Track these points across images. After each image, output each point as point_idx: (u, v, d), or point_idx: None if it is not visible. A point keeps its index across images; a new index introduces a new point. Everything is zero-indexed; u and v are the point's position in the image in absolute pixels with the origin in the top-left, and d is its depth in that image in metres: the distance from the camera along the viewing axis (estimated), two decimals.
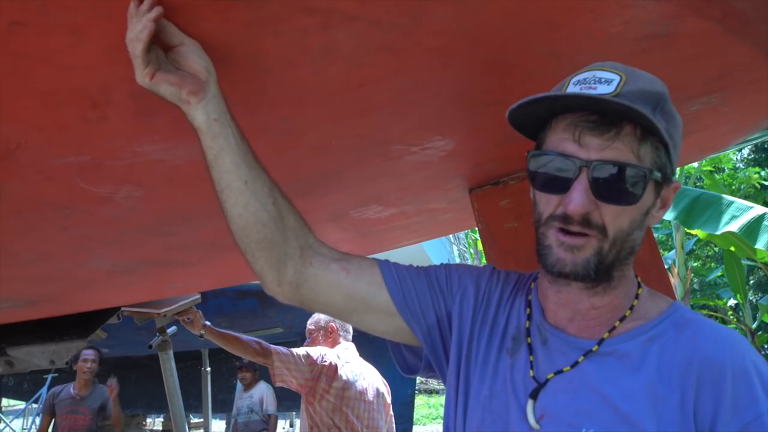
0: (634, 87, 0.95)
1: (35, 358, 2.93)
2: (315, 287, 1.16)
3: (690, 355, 0.97)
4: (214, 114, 1.03)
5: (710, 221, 6.95)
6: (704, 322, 1.02)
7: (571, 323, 1.05)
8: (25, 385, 10.36)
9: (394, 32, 1.06)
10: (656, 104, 0.96)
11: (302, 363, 3.32)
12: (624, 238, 0.97)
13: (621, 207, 0.95)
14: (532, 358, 1.06)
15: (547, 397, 1.01)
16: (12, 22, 0.90)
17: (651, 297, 1.06)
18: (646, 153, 0.95)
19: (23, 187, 1.31)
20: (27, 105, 1.07)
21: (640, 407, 0.95)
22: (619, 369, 0.99)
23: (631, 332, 1.01)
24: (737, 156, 17.68)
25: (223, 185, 1.09)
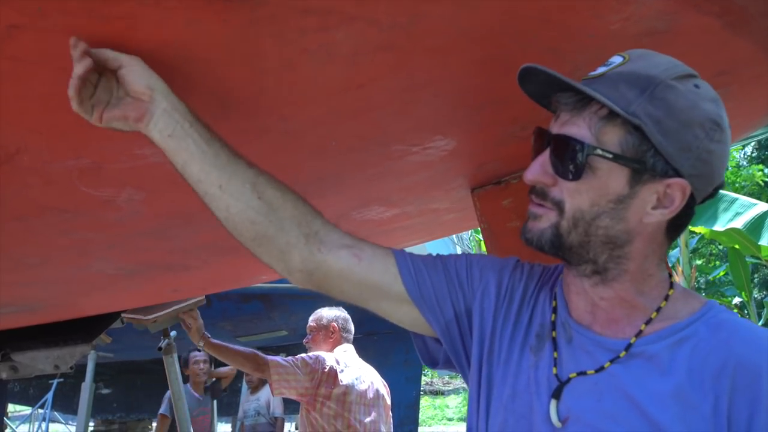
0: (625, 69, 0.95)
1: (40, 363, 2.93)
2: (327, 274, 1.13)
3: (724, 358, 0.93)
4: (166, 131, 1.02)
5: (714, 218, 6.93)
6: (740, 323, 0.98)
7: (594, 319, 1.03)
8: (30, 391, 10.38)
9: (393, 32, 1.05)
10: (645, 88, 0.93)
11: (301, 372, 3.29)
12: (587, 221, 0.96)
13: (574, 184, 0.96)
14: (556, 354, 1.04)
15: (573, 399, 0.99)
16: (10, 25, 0.90)
17: (683, 297, 1.03)
18: (611, 134, 0.94)
19: (24, 191, 1.31)
20: (26, 109, 1.07)
21: (669, 412, 0.92)
22: (647, 371, 0.96)
23: (660, 332, 0.98)
24: (740, 154, 17.65)
25: (200, 194, 1.08)
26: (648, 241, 0.99)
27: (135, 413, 9.85)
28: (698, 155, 0.93)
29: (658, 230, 0.98)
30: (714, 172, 0.96)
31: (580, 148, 0.94)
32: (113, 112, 1.01)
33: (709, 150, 0.94)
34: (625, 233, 0.97)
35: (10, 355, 2.90)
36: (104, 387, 9.32)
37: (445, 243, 8.59)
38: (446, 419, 17.76)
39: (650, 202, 0.96)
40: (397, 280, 1.13)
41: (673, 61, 0.97)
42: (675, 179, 0.94)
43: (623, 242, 0.98)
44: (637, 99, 0.92)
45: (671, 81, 0.94)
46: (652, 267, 1.01)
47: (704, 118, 0.93)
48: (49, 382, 9.76)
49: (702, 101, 0.94)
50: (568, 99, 0.96)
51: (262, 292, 6.50)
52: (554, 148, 0.97)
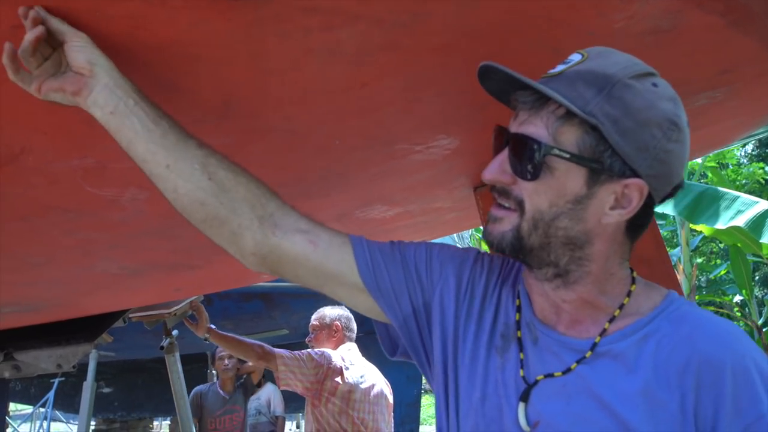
0: (583, 67, 0.94)
1: (42, 362, 2.93)
2: (281, 258, 1.09)
3: (688, 354, 0.93)
4: (108, 107, 0.98)
5: (715, 216, 6.93)
6: (702, 316, 0.98)
7: (559, 319, 1.02)
8: (32, 390, 10.38)
9: (397, 31, 1.05)
10: (603, 87, 0.92)
11: (306, 366, 3.32)
12: (547, 222, 0.95)
13: (532, 184, 0.95)
14: (522, 356, 1.03)
15: (541, 402, 0.99)
16: (14, 26, 0.90)
17: (645, 290, 1.02)
18: (569, 133, 0.93)
19: (29, 191, 1.31)
20: (30, 109, 1.07)
21: (638, 411, 0.92)
22: (614, 370, 0.96)
23: (623, 330, 0.98)
24: (741, 152, 17.64)
25: (147, 173, 1.04)
26: (609, 242, 0.98)
27: (136, 412, 9.85)
28: (655, 155, 0.93)
29: (617, 230, 0.98)
30: (672, 171, 0.95)
31: (537, 147, 0.93)
32: (51, 83, 0.97)
33: (667, 150, 0.93)
34: (585, 234, 0.96)
35: (13, 354, 2.90)
36: (105, 386, 9.32)
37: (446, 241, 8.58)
38: None
39: (608, 203, 0.95)
40: (353, 271, 1.11)
41: (632, 59, 0.96)
42: (632, 179, 0.93)
43: (583, 243, 0.97)
44: (594, 98, 0.91)
45: (629, 80, 0.92)
46: (614, 267, 1.00)
47: (662, 117, 0.92)
48: (51, 381, 9.76)
49: (660, 100, 0.93)
50: (526, 98, 0.95)
51: (263, 291, 6.51)
52: (512, 147, 0.96)
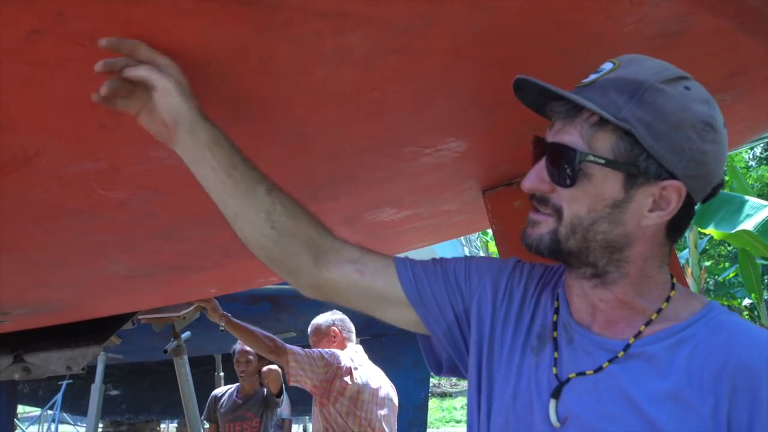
0: (615, 75, 0.97)
1: (52, 364, 2.95)
2: (333, 289, 1.19)
3: (724, 360, 0.93)
4: (187, 159, 1.08)
5: (725, 220, 6.91)
6: (740, 324, 0.98)
7: (594, 320, 1.04)
8: (40, 392, 10.42)
9: (407, 34, 1.06)
10: (634, 92, 0.94)
11: (317, 365, 3.33)
12: (585, 227, 0.98)
13: (569, 190, 0.98)
14: (557, 354, 1.05)
15: (572, 399, 1.00)
16: (31, 30, 0.91)
17: (684, 298, 1.03)
18: (603, 140, 0.95)
19: (42, 194, 1.32)
20: (45, 113, 1.08)
21: (666, 412, 0.93)
22: (645, 372, 0.97)
23: (659, 334, 0.99)
24: (749, 155, 17.57)
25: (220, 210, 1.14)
26: (648, 244, 0.99)
27: (143, 415, 9.88)
28: (691, 156, 0.94)
29: (658, 232, 0.99)
30: (710, 172, 0.97)
31: (573, 155, 0.96)
32: (145, 122, 1.06)
33: (703, 151, 0.94)
34: (624, 237, 0.98)
35: (23, 356, 2.92)
36: (113, 388, 9.35)
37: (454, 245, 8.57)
38: (454, 421, 17.73)
39: (647, 205, 0.96)
40: (397, 288, 1.17)
41: (663, 64, 0.98)
42: (669, 181, 0.95)
43: (623, 246, 0.99)
44: (626, 104, 0.94)
45: (660, 84, 0.94)
46: (652, 269, 1.01)
47: (695, 119, 0.94)
48: (59, 383, 9.80)
49: (693, 103, 0.94)
50: (561, 107, 0.98)
51: (270, 294, 6.51)
52: (549, 155, 0.99)
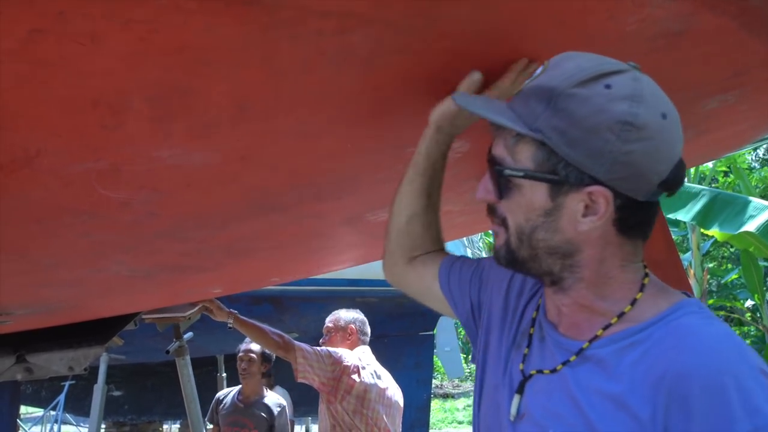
0: (537, 81, 0.97)
1: (54, 365, 2.95)
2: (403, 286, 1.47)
3: (665, 368, 0.90)
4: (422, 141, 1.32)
5: (728, 221, 6.90)
6: (695, 327, 0.93)
7: (560, 321, 1.06)
8: (42, 393, 10.43)
9: (410, 34, 1.06)
10: (549, 100, 0.94)
11: (324, 362, 3.35)
12: (527, 235, 0.99)
13: (506, 202, 1.00)
14: (527, 351, 1.09)
15: (530, 396, 1.04)
16: (31, 29, 0.91)
17: (653, 297, 1.00)
18: (523, 150, 0.97)
19: (43, 194, 1.32)
20: (46, 112, 1.08)
21: (607, 416, 0.92)
22: (594, 374, 0.97)
23: (612, 336, 0.98)
24: (752, 156, 17.54)
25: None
26: (598, 247, 0.98)
27: (146, 415, 9.88)
28: (614, 159, 0.91)
29: (606, 234, 0.97)
30: (643, 170, 0.93)
31: (499, 168, 0.99)
32: None
33: (627, 151, 0.91)
34: (567, 243, 0.98)
35: (25, 356, 2.92)
36: (116, 389, 9.35)
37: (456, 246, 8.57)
38: (456, 422, 17.70)
39: (579, 211, 0.96)
40: (436, 283, 1.34)
41: (582, 65, 0.95)
42: (594, 187, 0.93)
43: (571, 251, 0.99)
44: (543, 112, 0.94)
45: (572, 89, 0.93)
46: (612, 270, 0.99)
47: (612, 120, 0.91)
48: (61, 384, 9.80)
49: (610, 103, 0.91)
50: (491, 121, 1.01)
51: (272, 295, 6.52)
52: (488, 168, 1.02)
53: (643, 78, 0.95)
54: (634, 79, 0.94)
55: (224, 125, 1.20)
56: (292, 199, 1.67)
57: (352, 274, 6.01)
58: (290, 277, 3.46)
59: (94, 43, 0.95)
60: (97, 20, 0.92)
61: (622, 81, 0.93)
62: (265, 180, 1.51)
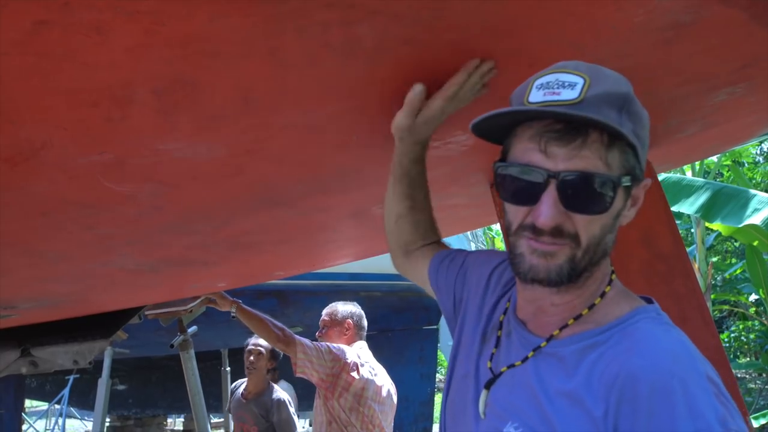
0: (598, 90, 0.93)
1: (59, 359, 2.96)
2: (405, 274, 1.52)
3: (618, 369, 0.92)
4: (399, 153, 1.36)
5: (732, 215, 6.87)
6: (649, 333, 0.96)
7: (533, 319, 1.06)
8: (47, 386, 10.46)
9: (415, 26, 1.05)
10: (622, 106, 0.94)
11: (324, 358, 3.33)
12: (596, 243, 0.97)
13: (592, 216, 0.95)
14: (495, 350, 1.11)
15: (495, 389, 1.06)
16: (36, 21, 0.90)
17: (618, 298, 1.03)
18: (614, 158, 0.94)
19: (48, 186, 1.32)
20: (51, 104, 1.08)
21: (564, 412, 0.94)
22: (554, 370, 0.99)
23: (574, 336, 1.00)
24: (757, 150, 17.47)
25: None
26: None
27: (150, 409, 9.91)
28: (646, 150, 1.00)
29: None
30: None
31: (611, 182, 0.94)
32: None
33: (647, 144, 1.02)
34: (613, 241, 1.01)
35: (30, 350, 2.92)
36: (120, 383, 9.38)
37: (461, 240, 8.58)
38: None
39: (628, 206, 1.00)
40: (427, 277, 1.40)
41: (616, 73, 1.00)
42: (646, 180, 1.01)
43: (609, 251, 1.01)
44: (619, 118, 0.93)
45: (633, 93, 0.97)
46: (604, 261, 1.03)
47: (647, 117, 0.99)
48: (66, 378, 9.84)
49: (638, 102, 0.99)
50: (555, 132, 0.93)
51: (276, 289, 6.53)
52: (571, 185, 0.93)
53: None
54: None
55: (230, 118, 1.20)
56: (297, 192, 1.66)
57: (356, 268, 6.01)
58: (295, 271, 3.46)
59: (99, 34, 0.94)
60: (102, 12, 0.91)
61: None
62: (270, 173, 1.51)
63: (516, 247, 0.99)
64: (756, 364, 12.82)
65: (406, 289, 7.18)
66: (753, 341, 13.89)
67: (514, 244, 1.00)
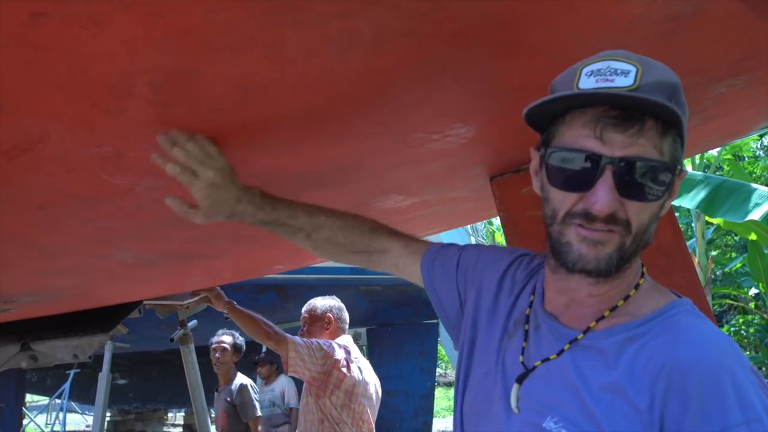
0: (651, 78, 0.93)
1: (59, 353, 2.96)
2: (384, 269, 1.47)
3: (664, 359, 0.93)
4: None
5: (733, 209, 6.86)
6: (692, 324, 0.97)
7: (566, 311, 1.05)
8: (48, 381, 10.50)
9: (415, 18, 1.04)
10: (671, 95, 0.94)
11: (315, 356, 3.29)
12: (644, 231, 0.97)
13: (644, 203, 0.95)
14: (525, 344, 1.08)
15: (528, 383, 1.04)
16: (33, 12, 0.90)
17: (651, 291, 1.03)
18: (667, 147, 0.95)
19: (47, 180, 1.32)
20: (49, 97, 1.07)
21: (607, 405, 0.94)
22: (594, 363, 0.98)
23: (613, 329, 1.00)
24: (757, 144, 17.46)
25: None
26: None
27: (151, 403, 9.95)
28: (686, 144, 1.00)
29: None
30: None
31: (667, 169, 0.95)
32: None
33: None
34: (655, 230, 1.00)
35: (30, 344, 2.93)
36: (120, 377, 9.41)
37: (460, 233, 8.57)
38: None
39: (668, 195, 0.99)
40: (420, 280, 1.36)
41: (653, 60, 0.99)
42: (685, 170, 1.00)
43: (651, 241, 1.00)
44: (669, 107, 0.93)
45: (680, 83, 0.97)
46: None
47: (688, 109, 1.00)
48: (66, 372, 9.86)
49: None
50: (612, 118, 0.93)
51: (276, 283, 6.53)
52: (628, 172, 0.93)
53: None
54: None
55: (228, 110, 1.19)
56: (296, 185, 1.66)
57: None
58: (295, 265, 3.46)
59: (96, 26, 0.94)
60: (99, 3, 0.91)
61: None
62: (268, 167, 1.51)
63: (563, 236, 0.98)
64: (756, 357, 12.83)
65: (407, 283, 7.17)
66: (753, 335, 13.90)
67: (560, 232, 0.98)
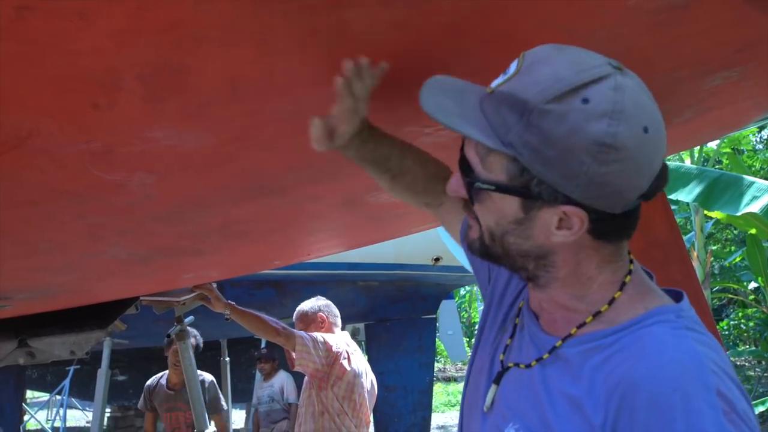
0: (511, 87, 0.91)
1: (56, 349, 2.96)
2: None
3: (620, 376, 0.88)
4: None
5: (731, 202, 6.85)
6: (659, 340, 0.89)
7: (541, 314, 1.05)
8: (48, 377, 10.50)
9: (405, 9, 1.04)
10: (522, 112, 0.88)
11: (320, 348, 3.36)
12: (499, 237, 0.97)
13: (478, 205, 0.97)
14: (509, 341, 1.09)
15: (504, 386, 1.05)
16: (19, 6, 0.89)
17: (632, 300, 0.96)
18: (496, 161, 0.92)
19: (37, 175, 1.31)
20: (37, 92, 1.06)
21: (563, 418, 0.92)
22: (560, 374, 0.96)
23: (582, 337, 0.96)
24: (756, 137, 17.45)
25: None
26: (573, 251, 0.95)
27: None
28: (590, 180, 0.87)
29: (581, 240, 0.94)
30: (621, 188, 0.88)
31: (471, 175, 0.95)
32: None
33: (604, 173, 0.86)
34: (539, 248, 0.96)
35: (27, 341, 2.92)
36: (120, 373, 9.41)
37: None
38: (459, 405, 17.82)
39: (553, 224, 0.92)
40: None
41: (558, 74, 0.87)
42: (568, 207, 0.89)
43: (544, 254, 0.96)
44: (516, 125, 0.89)
45: (546, 105, 0.86)
46: (590, 270, 0.96)
47: (589, 142, 0.85)
48: (66, 369, 9.86)
49: (587, 122, 0.85)
50: None
51: (274, 279, 6.53)
52: (460, 165, 0.99)
53: (626, 84, 0.87)
54: (615, 89, 0.86)
55: (218, 105, 1.19)
56: (288, 180, 1.65)
57: (354, 257, 6.01)
58: (289, 261, 3.46)
59: (83, 20, 0.93)
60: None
61: (602, 93, 0.86)
62: (260, 161, 1.50)
63: None
64: (755, 351, 12.84)
65: (404, 278, 7.19)
66: (752, 329, 13.92)
67: None
